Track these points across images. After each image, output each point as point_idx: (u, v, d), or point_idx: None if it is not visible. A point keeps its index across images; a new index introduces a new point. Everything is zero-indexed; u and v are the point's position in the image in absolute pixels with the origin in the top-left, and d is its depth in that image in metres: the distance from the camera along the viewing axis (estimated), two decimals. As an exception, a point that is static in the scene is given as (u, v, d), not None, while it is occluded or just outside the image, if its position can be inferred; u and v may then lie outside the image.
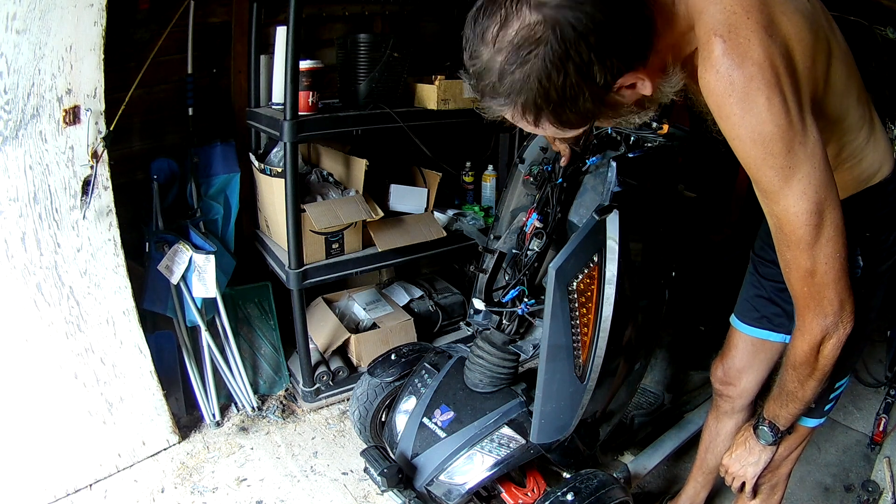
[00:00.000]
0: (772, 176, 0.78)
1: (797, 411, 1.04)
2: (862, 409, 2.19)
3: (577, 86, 0.68)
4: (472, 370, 1.51)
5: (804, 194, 0.77)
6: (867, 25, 2.13)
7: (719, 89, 0.76)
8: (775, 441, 1.11)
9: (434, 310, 2.42)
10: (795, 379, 0.97)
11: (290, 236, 1.86)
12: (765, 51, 0.73)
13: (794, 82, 0.76)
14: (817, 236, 0.80)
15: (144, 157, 1.98)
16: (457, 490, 1.39)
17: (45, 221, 1.50)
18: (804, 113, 0.77)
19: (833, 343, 0.88)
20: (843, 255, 0.82)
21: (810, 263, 0.82)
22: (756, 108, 0.74)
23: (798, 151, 0.76)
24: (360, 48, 1.87)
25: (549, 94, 0.68)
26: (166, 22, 1.83)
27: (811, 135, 0.77)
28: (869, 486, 1.80)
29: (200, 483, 1.77)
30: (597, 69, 0.67)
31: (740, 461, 1.17)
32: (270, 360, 2.20)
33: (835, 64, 0.86)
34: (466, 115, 2.11)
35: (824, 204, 0.78)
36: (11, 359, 1.52)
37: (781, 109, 0.74)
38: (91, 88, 1.50)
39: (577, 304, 1.24)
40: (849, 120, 0.93)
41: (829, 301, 0.84)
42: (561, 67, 0.66)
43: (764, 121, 0.74)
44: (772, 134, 0.75)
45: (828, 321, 0.86)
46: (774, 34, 0.74)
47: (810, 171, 0.77)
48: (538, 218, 1.44)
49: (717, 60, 0.75)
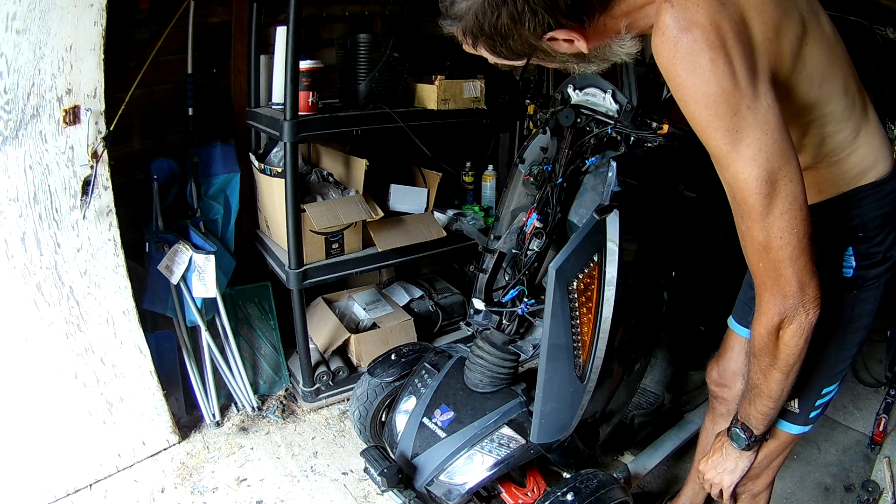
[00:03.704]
0: (718, 139, 0.78)
1: (767, 410, 0.99)
2: (862, 409, 2.19)
3: (508, 27, 0.78)
4: (472, 370, 1.51)
5: (754, 160, 0.77)
6: (867, 25, 2.13)
7: (665, 52, 0.78)
8: (749, 446, 1.06)
9: (434, 310, 2.42)
10: (758, 369, 0.93)
11: (290, 236, 1.87)
12: (711, 16, 0.75)
13: (746, 48, 0.77)
14: (769, 206, 0.78)
15: (144, 157, 1.98)
16: (457, 490, 1.39)
17: (45, 221, 1.50)
18: (757, 80, 0.77)
19: (794, 329, 0.84)
20: (803, 231, 0.79)
21: (763, 236, 0.80)
22: (700, 69, 0.75)
23: (746, 115, 0.76)
24: (360, 48, 1.87)
25: (483, 27, 0.79)
26: (166, 22, 1.83)
27: (763, 101, 0.76)
28: (869, 486, 1.80)
29: (200, 483, 1.77)
30: (528, 18, 0.76)
31: (716, 467, 1.12)
32: (270, 360, 2.20)
33: (811, 46, 0.85)
34: (466, 115, 2.11)
35: (777, 174, 0.77)
36: (11, 359, 1.52)
37: (726, 71, 0.74)
38: (91, 88, 1.50)
39: (577, 303, 1.24)
40: (830, 109, 0.91)
41: (786, 280, 0.81)
42: (496, 9, 0.76)
43: (708, 81, 0.75)
44: (716, 95, 0.75)
45: (787, 303, 0.83)
46: (727, 1, 0.76)
47: (760, 137, 0.76)
48: (538, 218, 1.44)
49: (664, 25, 0.77)
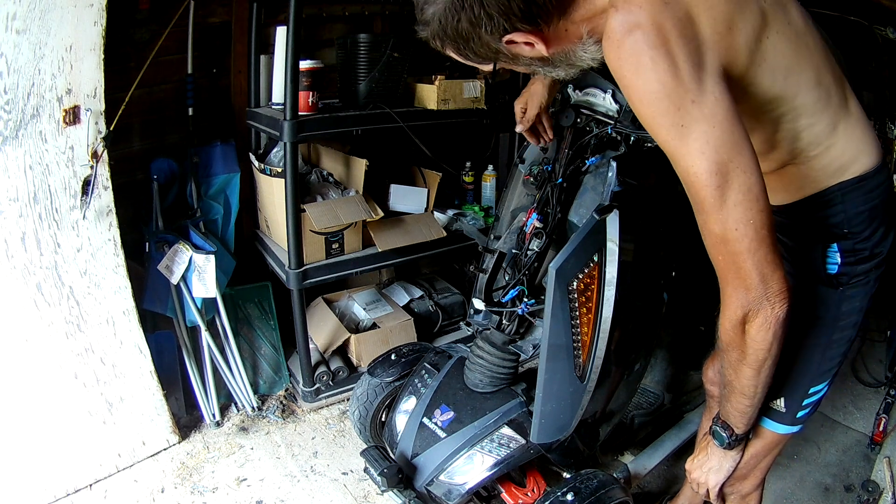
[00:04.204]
0: (665, 135, 0.79)
1: (743, 408, 0.98)
2: (862, 409, 2.19)
3: (468, 31, 0.82)
4: (472, 370, 1.51)
5: (702, 153, 0.77)
6: (867, 25, 2.13)
7: (611, 55, 0.81)
8: (731, 444, 1.06)
9: (434, 310, 2.42)
10: (728, 365, 0.93)
11: (290, 236, 1.86)
12: (652, 16, 0.77)
13: (691, 45, 0.78)
14: (722, 198, 0.78)
15: (144, 157, 1.98)
16: (457, 490, 1.39)
17: (45, 221, 1.50)
18: (703, 74, 0.77)
19: (759, 323, 0.84)
20: (760, 223, 0.79)
21: (719, 228, 0.80)
22: (642, 69, 0.77)
23: (691, 109, 0.76)
24: (360, 48, 1.87)
25: (447, 30, 0.83)
26: (166, 22, 1.83)
27: (710, 95, 0.77)
28: (869, 486, 1.80)
29: (200, 483, 1.77)
30: (485, 22, 0.80)
31: (702, 466, 1.13)
32: (270, 360, 2.20)
33: (773, 38, 0.85)
34: (466, 115, 2.11)
35: (728, 165, 0.77)
36: (11, 359, 1.52)
37: (667, 68, 0.76)
38: (91, 88, 1.50)
39: (577, 303, 1.24)
40: (801, 101, 0.90)
41: (746, 272, 0.81)
42: (456, 14, 0.80)
43: (649, 80, 0.77)
44: (658, 92, 0.77)
45: (750, 296, 0.82)
46: (672, 1, 0.78)
47: (707, 130, 0.77)
48: (538, 218, 1.44)
49: (610, 29, 0.80)
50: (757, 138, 0.95)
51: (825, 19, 2.24)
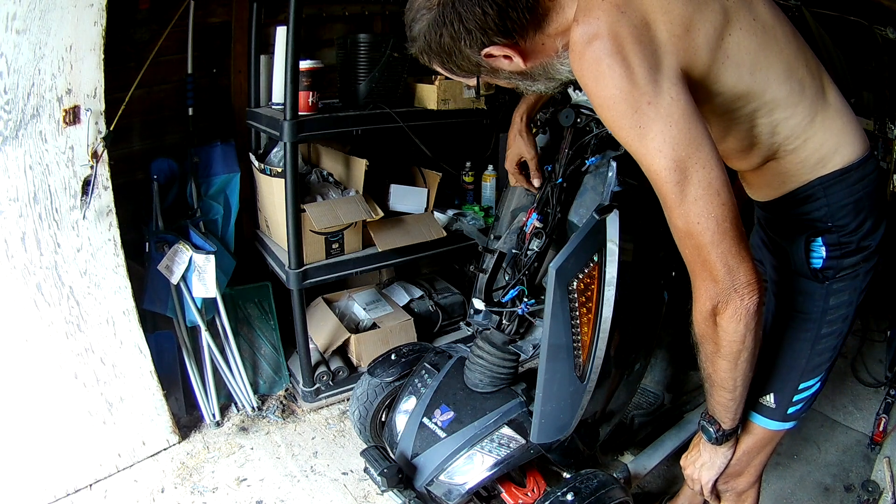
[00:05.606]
0: (626, 136, 0.83)
1: (725, 402, 0.99)
2: (862, 409, 2.19)
3: (450, 46, 0.87)
4: (472, 370, 1.51)
5: (660, 152, 0.80)
6: (867, 25, 2.14)
7: (575, 65, 0.84)
8: (719, 439, 1.07)
9: (434, 310, 2.42)
10: (705, 357, 0.94)
11: (290, 236, 1.87)
12: (609, 25, 0.80)
13: (647, 49, 0.80)
14: (682, 193, 0.81)
15: (144, 157, 1.98)
16: (457, 490, 1.38)
17: (45, 221, 1.51)
18: (659, 76, 0.80)
19: (729, 315, 0.85)
20: (722, 216, 0.81)
21: (682, 223, 0.83)
22: (600, 76, 0.81)
23: (647, 111, 0.79)
24: (360, 48, 1.87)
25: (431, 46, 0.89)
26: (166, 22, 1.83)
27: (666, 96, 0.80)
28: (869, 486, 1.80)
29: (200, 483, 1.77)
30: (464, 36, 0.85)
31: (694, 463, 1.15)
32: (270, 360, 2.20)
33: (736, 35, 0.86)
34: (466, 115, 2.11)
35: (686, 161, 0.80)
36: (11, 359, 1.52)
37: (623, 74, 0.79)
38: (91, 88, 1.50)
39: (577, 303, 1.24)
40: (771, 95, 0.90)
41: (712, 264, 0.83)
42: (438, 30, 0.86)
43: (607, 86, 0.80)
44: (615, 97, 0.80)
45: (717, 288, 0.84)
46: (627, 9, 0.81)
47: (664, 129, 0.79)
48: (538, 218, 1.44)
49: (573, 41, 0.83)
50: (735, 136, 0.97)
51: (825, 19, 2.24)
